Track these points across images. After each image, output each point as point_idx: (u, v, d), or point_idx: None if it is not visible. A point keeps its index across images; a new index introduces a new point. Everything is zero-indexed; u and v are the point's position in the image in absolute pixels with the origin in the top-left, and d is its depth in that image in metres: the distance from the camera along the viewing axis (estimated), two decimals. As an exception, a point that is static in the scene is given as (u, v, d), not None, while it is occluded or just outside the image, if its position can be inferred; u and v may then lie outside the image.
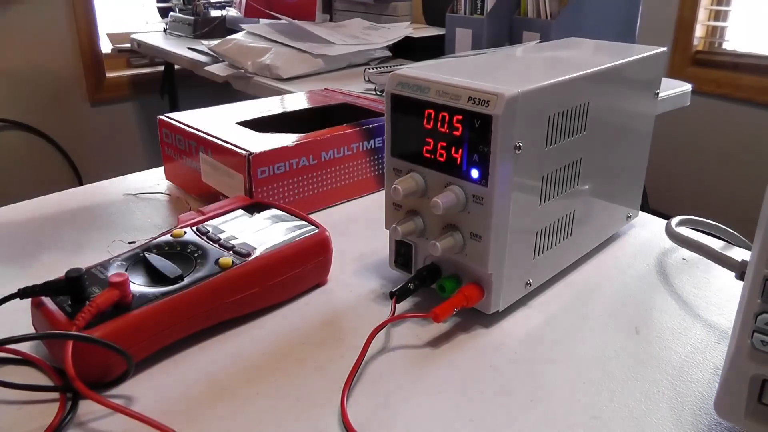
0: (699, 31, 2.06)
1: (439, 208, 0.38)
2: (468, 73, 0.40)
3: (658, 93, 0.52)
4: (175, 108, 2.32)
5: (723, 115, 2.00)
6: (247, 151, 0.54)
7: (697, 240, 0.47)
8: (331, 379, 0.37)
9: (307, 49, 1.36)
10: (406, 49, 1.49)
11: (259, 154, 0.54)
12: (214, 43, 1.46)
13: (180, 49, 1.73)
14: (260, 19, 1.66)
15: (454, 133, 0.38)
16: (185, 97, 2.36)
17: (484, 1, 1.31)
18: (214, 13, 1.95)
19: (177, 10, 2.04)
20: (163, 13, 2.32)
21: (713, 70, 2.02)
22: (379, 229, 0.56)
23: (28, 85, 2.13)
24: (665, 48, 0.51)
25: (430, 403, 0.35)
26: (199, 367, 0.38)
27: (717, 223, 0.52)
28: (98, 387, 0.35)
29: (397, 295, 0.41)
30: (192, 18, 1.93)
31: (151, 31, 2.12)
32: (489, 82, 0.38)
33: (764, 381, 0.30)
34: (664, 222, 0.54)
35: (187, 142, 0.60)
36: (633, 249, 0.53)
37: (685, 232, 0.51)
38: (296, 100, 0.72)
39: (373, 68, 1.30)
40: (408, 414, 0.34)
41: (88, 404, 0.34)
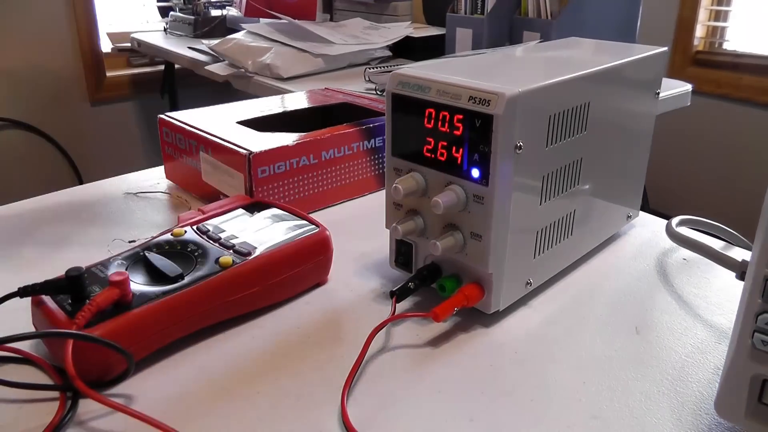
0: (699, 32, 2.06)
1: (439, 208, 0.38)
2: (469, 73, 0.40)
3: (659, 93, 0.52)
4: (175, 107, 2.32)
5: (723, 115, 2.00)
6: (248, 150, 0.54)
7: (697, 240, 0.47)
8: (331, 378, 0.37)
9: (307, 48, 1.36)
10: (407, 49, 1.49)
11: (260, 154, 0.54)
12: (215, 42, 1.46)
13: (180, 48, 1.73)
14: (260, 19, 1.66)
15: (455, 132, 0.38)
16: (185, 97, 2.35)
17: (485, 1, 1.31)
18: (215, 13, 1.95)
19: (177, 10, 2.04)
20: (164, 12, 2.32)
21: (713, 70, 2.02)
22: (379, 228, 0.56)
23: (28, 85, 2.13)
24: (666, 48, 0.51)
25: (430, 402, 0.35)
26: (199, 366, 0.38)
27: (717, 223, 0.52)
28: (98, 386, 0.35)
29: (397, 295, 0.41)
30: (192, 17, 1.93)
31: (152, 31, 2.12)
32: (490, 82, 0.38)
33: (764, 381, 0.30)
34: (665, 222, 0.54)
35: (188, 141, 0.60)
36: (633, 249, 0.53)
37: (686, 232, 0.51)
38: (296, 100, 0.72)
39: (373, 68, 1.30)
40: (408, 413, 0.34)
41: (88, 403, 0.34)
